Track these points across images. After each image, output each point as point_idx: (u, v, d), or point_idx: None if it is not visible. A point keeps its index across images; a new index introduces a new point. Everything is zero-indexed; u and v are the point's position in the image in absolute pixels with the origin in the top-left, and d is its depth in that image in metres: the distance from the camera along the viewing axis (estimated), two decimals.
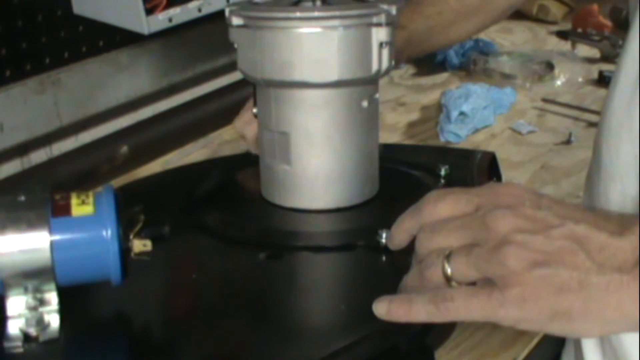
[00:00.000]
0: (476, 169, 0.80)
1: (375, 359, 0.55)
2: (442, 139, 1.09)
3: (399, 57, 0.90)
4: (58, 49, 0.95)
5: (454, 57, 1.36)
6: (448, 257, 0.51)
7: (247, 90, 0.76)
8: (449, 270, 0.51)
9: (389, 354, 0.56)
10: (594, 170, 0.68)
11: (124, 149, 1.02)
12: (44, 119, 0.94)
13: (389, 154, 0.79)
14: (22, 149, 0.96)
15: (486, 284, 0.49)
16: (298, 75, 0.66)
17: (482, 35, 1.47)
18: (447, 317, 0.51)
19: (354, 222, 0.70)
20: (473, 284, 0.51)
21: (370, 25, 0.66)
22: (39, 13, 0.93)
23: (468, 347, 0.68)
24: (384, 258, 0.64)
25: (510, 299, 0.48)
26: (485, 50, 1.38)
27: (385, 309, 0.53)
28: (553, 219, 0.49)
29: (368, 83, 0.69)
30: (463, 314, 0.50)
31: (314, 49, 0.65)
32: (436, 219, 0.54)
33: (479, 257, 0.49)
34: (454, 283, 0.51)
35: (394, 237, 0.58)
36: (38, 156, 0.99)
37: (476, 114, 1.12)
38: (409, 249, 0.57)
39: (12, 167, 0.96)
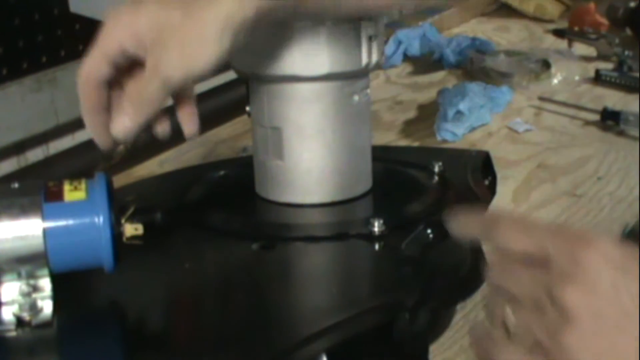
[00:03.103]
0: (470, 168, 0.80)
1: (369, 348, 0.55)
2: (438, 138, 1.09)
3: None
4: (55, 48, 0.96)
5: (450, 56, 1.36)
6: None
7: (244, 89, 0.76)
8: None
9: (382, 344, 0.56)
10: None
11: (121, 147, 1.02)
12: (40, 118, 0.94)
13: (381, 154, 0.79)
14: (18, 148, 0.96)
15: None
16: (289, 69, 0.66)
17: (479, 34, 1.48)
18: None
19: (347, 215, 0.70)
20: None
21: (359, 18, 0.66)
22: (35, 11, 0.93)
23: (466, 346, 0.68)
24: (376, 246, 0.64)
25: None
26: (482, 48, 1.38)
27: None
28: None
29: (358, 77, 0.69)
30: None
31: (304, 42, 0.66)
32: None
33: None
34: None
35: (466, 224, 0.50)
36: (35, 155, 0.98)
37: (473, 113, 1.12)
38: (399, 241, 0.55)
39: (8, 166, 0.96)
